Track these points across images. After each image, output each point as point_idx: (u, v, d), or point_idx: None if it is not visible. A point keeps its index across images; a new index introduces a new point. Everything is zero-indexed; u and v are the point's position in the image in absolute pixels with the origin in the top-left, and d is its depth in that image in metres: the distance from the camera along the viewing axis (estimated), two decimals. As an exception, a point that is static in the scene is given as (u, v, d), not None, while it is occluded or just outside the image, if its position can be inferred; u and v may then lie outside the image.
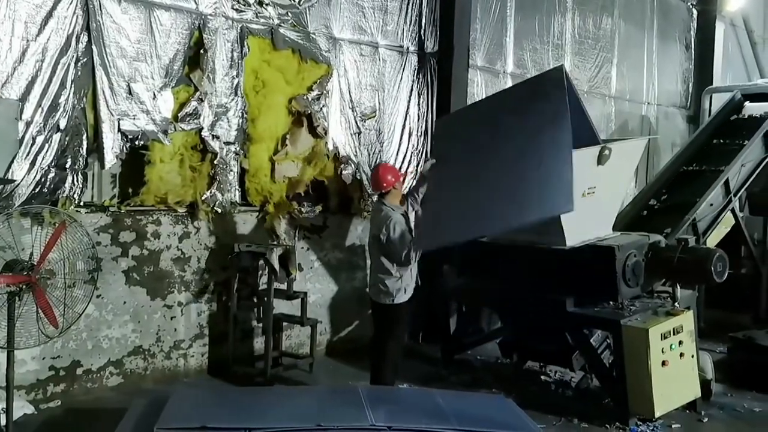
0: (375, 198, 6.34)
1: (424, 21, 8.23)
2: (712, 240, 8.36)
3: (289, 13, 6.97)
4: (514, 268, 6.34)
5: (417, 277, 5.90)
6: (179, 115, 6.19)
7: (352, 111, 7.60)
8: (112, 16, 5.72)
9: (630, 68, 11.18)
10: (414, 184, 6.94)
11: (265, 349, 6.43)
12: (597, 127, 10.32)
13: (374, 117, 7.81)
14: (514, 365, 7.07)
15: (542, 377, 6.80)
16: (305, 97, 7.09)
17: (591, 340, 6.08)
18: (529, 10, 9.44)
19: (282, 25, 6.92)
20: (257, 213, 6.88)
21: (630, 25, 11.08)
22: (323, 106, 7.27)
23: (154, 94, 6.03)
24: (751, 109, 9.88)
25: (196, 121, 6.30)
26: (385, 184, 5.80)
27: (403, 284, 5.66)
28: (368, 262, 7.29)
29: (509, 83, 9.27)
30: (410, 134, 8.19)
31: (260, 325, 6.74)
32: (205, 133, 6.37)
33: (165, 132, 6.10)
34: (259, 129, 6.77)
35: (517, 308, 6.55)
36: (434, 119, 8.27)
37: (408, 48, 8.12)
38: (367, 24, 7.72)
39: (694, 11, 12.32)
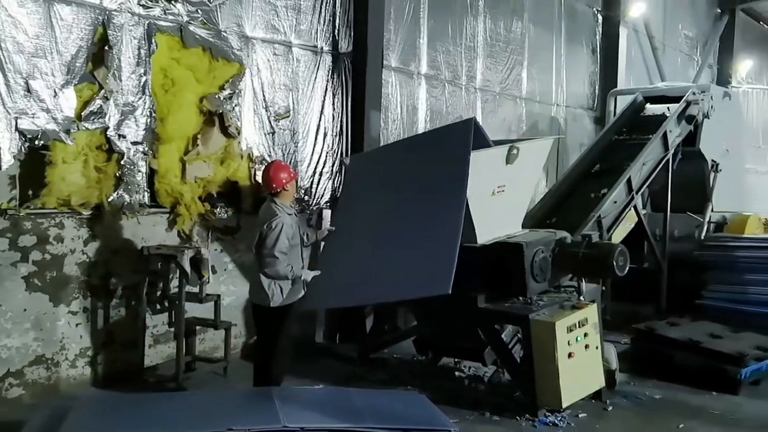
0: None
1: (338, 21, 8.23)
2: (617, 236, 8.72)
3: (199, 11, 6.83)
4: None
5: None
6: (83, 113, 5.96)
7: (266, 111, 7.52)
8: (8, 9, 5.46)
9: (540, 71, 11.52)
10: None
11: (177, 354, 6.27)
12: (508, 128, 10.74)
13: (288, 117, 7.76)
14: (429, 362, 7.17)
15: (456, 373, 6.92)
16: (217, 97, 6.97)
17: (502, 335, 6.23)
18: (442, 13, 9.59)
19: (192, 22, 6.77)
20: (168, 215, 6.70)
21: (539, 29, 11.42)
22: (236, 105, 7.17)
23: (55, 92, 5.78)
24: (652, 110, 10.37)
25: (101, 120, 6.09)
26: (275, 185, 5.48)
27: (280, 284, 5.38)
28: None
29: (423, 84, 9.42)
30: (325, 134, 8.17)
31: (172, 329, 6.57)
32: (110, 133, 6.16)
33: (67, 131, 5.87)
34: (168, 128, 6.60)
35: (431, 306, 6.63)
36: (349, 119, 8.31)
37: (322, 48, 8.11)
38: (280, 23, 7.65)
39: (600, 17, 12.81)
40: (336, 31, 8.23)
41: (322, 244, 6.32)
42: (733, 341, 6.98)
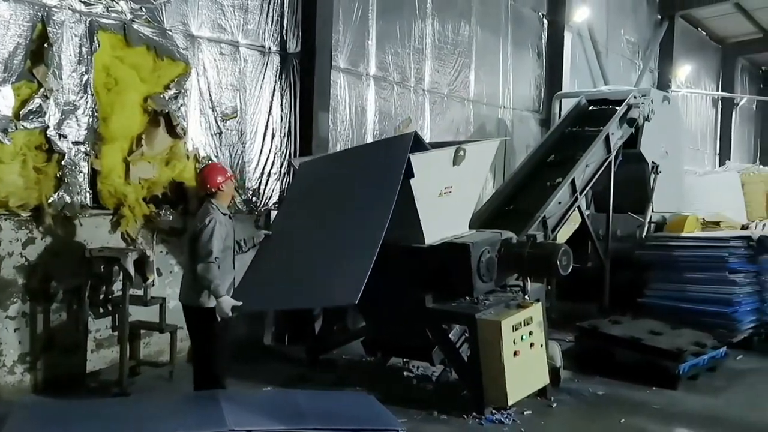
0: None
1: (286, 21, 8.20)
2: (562, 236, 8.91)
3: (143, 9, 6.72)
4: (376, 266, 6.43)
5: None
6: (21, 112, 5.80)
7: (213, 111, 7.44)
8: (-60, 4, 5.28)
9: (487, 73, 11.68)
10: None
11: (121, 358, 6.15)
12: (456, 129, 10.85)
13: (236, 117, 7.70)
14: (378, 363, 7.18)
15: (405, 373, 6.96)
16: (162, 96, 6.87)
17: (450, 335, 6.29)
18: (390, 15, 9.64)
19: (135, 20, 6.66)
20: (111, 216, 6.55)
21: (486, 32, 11.58)
22: (181, 105, 7.07)
23: (-8, 90, 5.62)
24: (595, 113, 10.61)
25: (40, 119, 5.94)
26: (209, 185, 5.39)
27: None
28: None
29: (372, 86, 9.45)
30: (273, 135, 8.14)
31: (115, 333, 6.43)
32: (51, 133, 6.01)
33: (5, 131, 5.71)
34: (111, 128, 6.47)
35: (380, 306, 6.66)
36: (298, 120, 8.28)
37: (270, 48, 8.06)
38: (227, 22, 7.58)
39: (545, 21, 13.05)
40: (284, 31, 8.20)
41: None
42: (672, 338, 7.19)
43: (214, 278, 5.06)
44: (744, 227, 11.76)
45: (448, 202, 6.13)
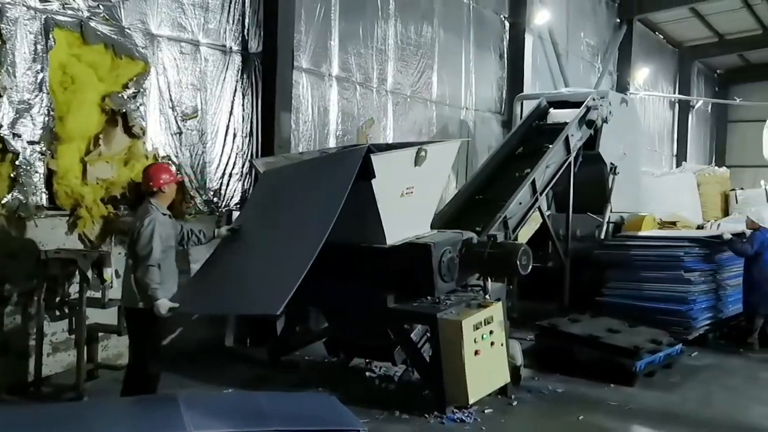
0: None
1: (247, 21, 8.15)
2: (523, 236, 9.02)
3: (101, 6, 6.61)
4: (337, 267, 6.44)
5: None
6: (-28, 111, 5.67)
7: (173, 110, 7.36)
8: None
9: (449, 75, 11.75)
10: None
11: (78, 362, 6.03)
12: (419, 130, 10.89)
13: (196, 117, 7.62)
14: (341, 363, 7.18)
15: (367, 373, 6.97)
16: (120, 95, 6.77)
17: (412, 335, 6.33)
18: (353, 15, 9.64)
19: (93, 18, 6.54)
20: (68, 217, 6.43)
21: (449, 34, 11.65)
22: (140, 104, 6.98)
23: (-59, 88, 5.48)
24: (556, 115, 10.77)
25: (-8, 118, 5.80)
26: (152, 183, 5.28)
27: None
28: (192, 266, 7.13)
29: (335, 86, 9.44)
30: (235, 135, 8.08)
31: (72, 336, 6.31)
32: (4, 132, 5.88)
33: (-45, 130, 5.56)
34: (68, 128, 6.35)
35: (342, 307, 6.66)
36: (260, 120, 8.23)
37: (231, 48, 8.01)
38: (187, 21, 7.51)
39: (507, 23, 13.18)
40: (246, 30, 8.14)
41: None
42: (630, 335, 7.34)
43: (152, 282, 5.01)
44: (700, 227, 12.08)
45: (409, 203, 6.16)
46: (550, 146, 9.03)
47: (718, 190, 15.92)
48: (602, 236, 9.85)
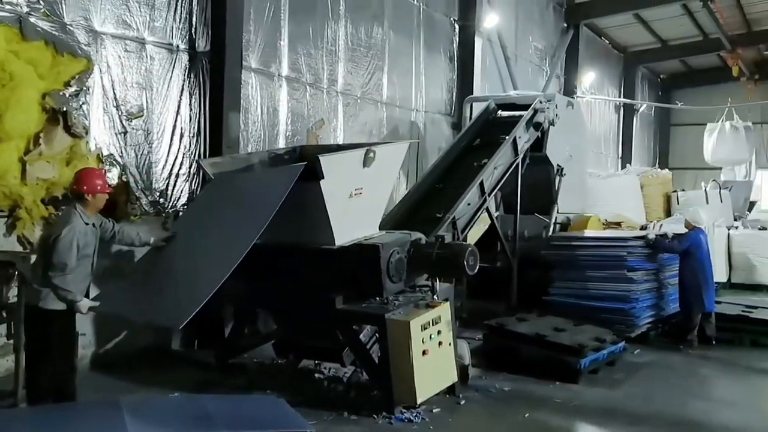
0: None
1: (195, 19, 8.04)
2: (472, 237, 9.13)
3: (41, 2, 6.45)
4: (286, 268, 6.43)
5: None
6: None
7: (117, 109, 7.21)
8: None
9: (400, 76, 11.78)
10: None
11: (16, 368, 5.83)
12: (370, 132, 10.91)
13: (142, 116, 7.48)
14: (289, 365, 7.14)
15: (316, 375, 6.95)
16: (62, 94, 6.60)
17: (361, 336, 6.33)
18: (303, 15, 9.59)
19: (32, 13, 6.37)
20: (6, 218, 6.24)
21: (399, 36, 11.69)
22: (83, 103, 6.82)
23: None
24: (504, 117, 10.91)
25: (-76, 116, 5.59)
26: (85, 187, 5.17)
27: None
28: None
29: (285, 87, 9.38)
30: (182, 135, 7.95)
31: (11, 342, 6.11)
32: (-63, 130, 5.68)
33: None
34: (6, 126, 6.15)
35: (291, 308, 6.63)
36: (207, 120, 8.12)
37: (178, 46, 7.89)
38: (132, 19, 7.37)
39: (456, 26, 13.29)
40: (193, 29, 8.03)
41: None
42: (575, 334, 7.49)
43: (62, 290, 4.98)
44: (643, 227, 12.38)
45: (358, 204, 6.17)
46: (498, 148, 9.15)
47: (660, 191, 16.34)
48: (549, 237, 10.02)
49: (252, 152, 8.30)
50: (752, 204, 19.19)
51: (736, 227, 14.79)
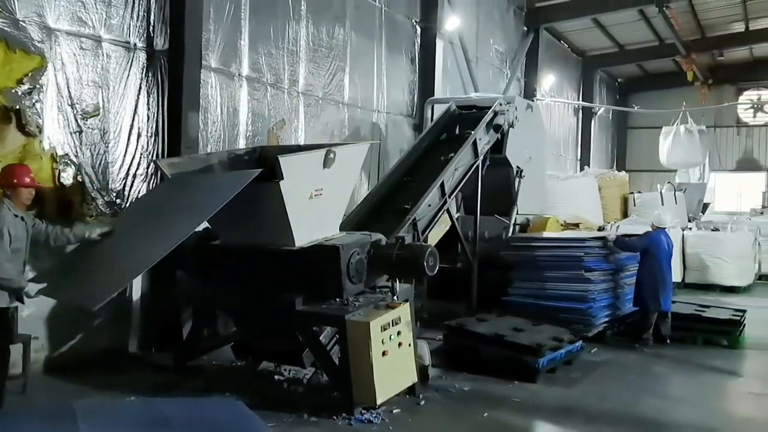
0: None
1: (153, 17, 7.93)
2: (433, 238, 9.17)
3: (-7, -3, 6.29)
4: (246, 269, 6.39)
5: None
6: None
7: (72, 108, 7.07)
8: None
9: (362, 77, 11.78)
10: None
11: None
12: (331, 132, 10.88)
13: (98, 115, 7.35)
14: (249, 367, 7.08)
15: (276, 377, 6.90)
16: (14, 91, 6.46)
17: (321, 337, 6.31)
18: (263, 15, 9.53)
19: (-17, 9, 6.21)
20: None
21: (361, 37, 11.69)
22: (36, 101, 6.68)
23: None
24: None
25: None
26: (16, 181, 5.45)
27: None
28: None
29: (245, 87, 9.31)
30: (139, 135, 7.83)
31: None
32: None
33: None
34: (-44, 125, 6.00)
35: (250, 310, 6.58)
36: (166, 120, 8.01)
37: (136, 44, 7.76)
38: (88, 16, 7.23)
39: (418, 28, 13.34)
40: (151, 27, 7.92)
41: None
42: (533, 334, 7.58)
43: (4, 275, 5.15)
44: (601, 228, 12.61)
45: (318, 204, 6.16)
46: (458, 149, 9.21)
47: (617, 193, 16.70)
48: (508, 237, 10.12)
49: (211, 152, 8.21)
50: (706, 206, 19.73)
51: (690, 228, 15.21)
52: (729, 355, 8.65)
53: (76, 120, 7.11)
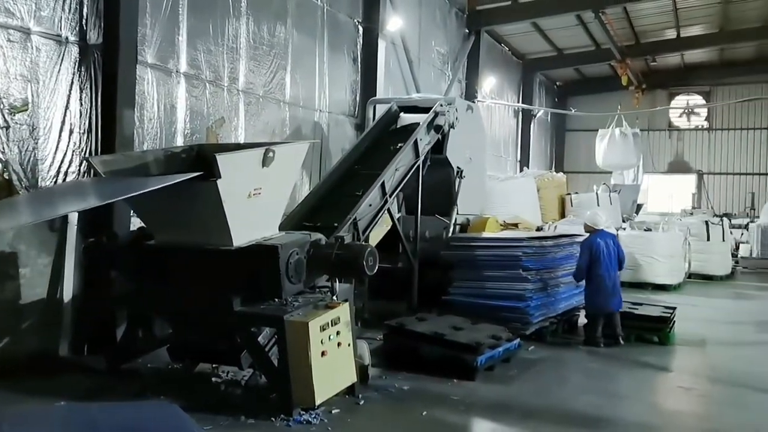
0: None
1: (86, 10, 7.69)
2: (374, 237, 9.17)
3: None
4: (182, 270, 6.28)
5: None
6: None
7: (-1, 102, 6.80)
8: None
9: (303, 76, 11.69)
10: None
11: None
12: (272, 131, 10.77)
13: (26, 110, 7.08)
14: (185, 370, 6.95)
15: (214, 379, 6.78)
16: (-65, 84, 6.17)
17: (260, 338, 6.24)
18: (202, 11, 9.35)
19: None
20: None
21: (303, 35, 11.60)
22: (-40, 95, 6.40)
23: None
24: (406, 119, 11.05)
25: None
26: None
27: None
28: (20, 270, 6.67)
29: (183, 83, 9.12)
30: (71, 132, 7.58)
31: None
32: None
33: None
34: None
35: (188, 311, 6.46)
36: (100, 116, 7.79)
37: (68, 38, 7.52)
38: (15, 7, 6.97)
39: (360, 28, 13.33)
40: (84, 20, 7.68)
41: None
42: (472, 332, 7.65)
43: None
44: (539, 228, 12.87)
45: (257, 204, 6.08)
46: (400, 149, 9.24)
47: (555, 194, 17.06)
48: (449, 237, 10.21)
49: (147, 150, 8.02)
50: (639, 206, 20.38)
51: (624, 228, 15.65)
52: (660, 351, 8.93)
53: (3, 115, 6.84)
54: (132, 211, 7.45)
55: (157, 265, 6.46)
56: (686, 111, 27.93)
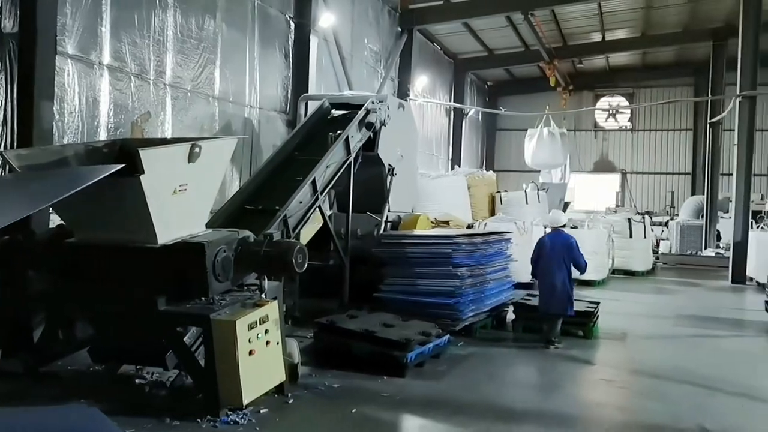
0: None
1: (1, -3, 7.35)
2: (306, 235, 9.10)
3: None
4: (104, 268, 6.07)
5: None
6: None
7: None
8: None
9: (233, 71, 11.52)
10: None
11: None
12: (201, 126, 10.55)
13: (-65, 101, 6.72)
14: (108, 371, 6.73)
15: (137, 380, 6.59)
16: None
17: (186, 338, 6.09)
18: (127, 1, 9.08)
19: None
20: None
21: (233, 30, 11.42)
22: None
23: None
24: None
25: None
26: None
27: None
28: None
29: (106, 76, 8.85)
30: (-15, 124, 7.24)
31: None
32: None
33: None
34: None
35: (110, 310, 6.25)
36: (16, 109, 7.45)
37: (-19, 26, 7.17)
38: (-77, -8, 6.59)
39: (292, 23, 13.23)
40: (-1, 8, 7.34)
41: None
42: (402, 329, 7.67)
43: None
44: (470, 226, 13.03)
45: (183, 200, 5.93)
46: (330, 147, 9.18)
47: (486, 192, 17.33)
48: (380, 235, 10.21)
49: (66, 144, 7.73)
50: (566, 204, 20.91)
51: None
52: (584, 344, 9.17)
53: None
54: (50, 208, 7.16)
55: (77, 263, 6.23)
56: (611, 112, 28.88)
